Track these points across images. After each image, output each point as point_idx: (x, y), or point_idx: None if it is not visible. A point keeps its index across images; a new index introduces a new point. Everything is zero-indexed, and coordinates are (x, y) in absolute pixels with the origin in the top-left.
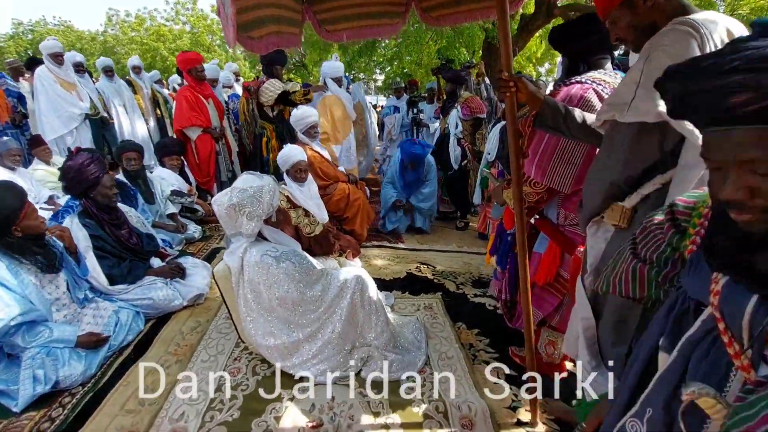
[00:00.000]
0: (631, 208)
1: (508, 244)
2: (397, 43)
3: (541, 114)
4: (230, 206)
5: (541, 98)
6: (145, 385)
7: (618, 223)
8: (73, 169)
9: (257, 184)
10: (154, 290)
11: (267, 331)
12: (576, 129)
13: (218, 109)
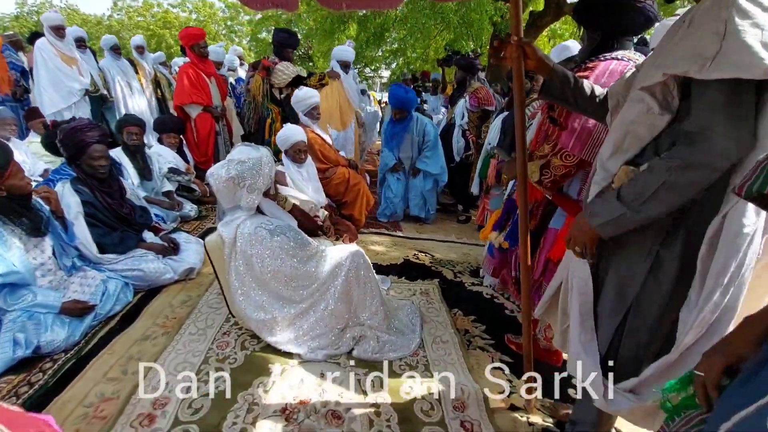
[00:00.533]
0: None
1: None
2: (404, 36)
3: (548, 82)
4: (229, 179)
5: (549, 65)
6: (131, 354)
7: None
8: (65, 130)
9: (255, 155)
10: (145, 262)
11: (258, 304)
12: (584, 101)
13: (220, 89)
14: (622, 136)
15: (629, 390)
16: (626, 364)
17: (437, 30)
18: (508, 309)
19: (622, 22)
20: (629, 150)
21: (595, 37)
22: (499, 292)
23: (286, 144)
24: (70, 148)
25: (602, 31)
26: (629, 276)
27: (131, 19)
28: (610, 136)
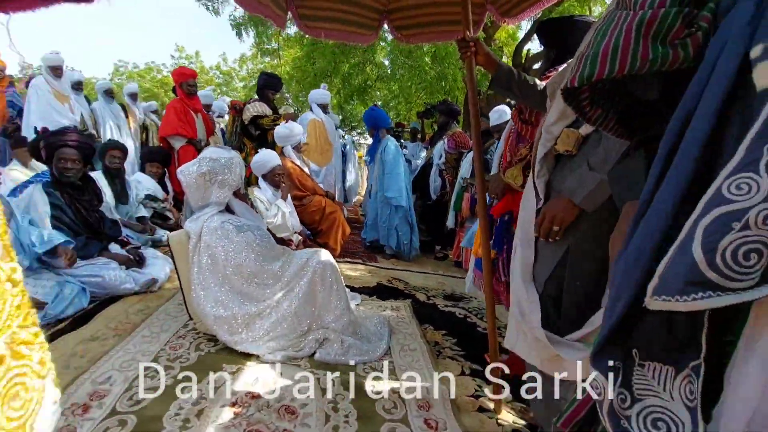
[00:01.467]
0: (585, 135)
1: (504, 224)
2: (389, 99)
3: (496, 76)
4: (200, 174)
5: (496, 61)
6: (75, 351)
7: (570, 149)
8: (50, 132)
9: (227, 155)
10: (106, 270)
11: (217, 299)
12: (527, 91)
13: (206, 125)
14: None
15: (577, 339)
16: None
17: (417, 91)
18: (481, 327)
19: (570, 40)
20: (571, 115)
21: (551, 54)
22: (480, 306)
23: (264, 169)
24: (46, 149)
25: (556, 49)
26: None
27: (131, 80)
28: (556, 105)
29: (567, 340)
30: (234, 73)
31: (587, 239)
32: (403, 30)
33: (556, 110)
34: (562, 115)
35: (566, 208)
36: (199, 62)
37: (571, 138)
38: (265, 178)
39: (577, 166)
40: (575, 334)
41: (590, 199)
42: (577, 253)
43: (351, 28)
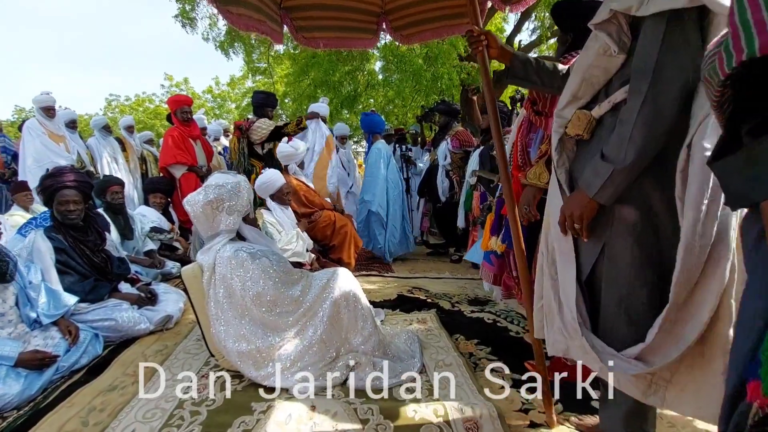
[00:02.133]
0: (597, 117)
1: None
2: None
3: (512, 67)
4: (207, 203)
5: (510, 51)
6: (94, 406)
7: (581, 133)
8: (45, 174)
9: (233, 180)
10: (118, 311)
11: (239, 334)
12: (548, 77)
13: (206, 151)
14: (579, 84)
15: (635, 357)
16: (611, 322)
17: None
18: (513, 331)
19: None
20: (583, 97)
21: (567, 39)
22: (507, 308)
23: (272, 188)
24: (43, 192)
25: (573, 33)
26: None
27: (123, 113)
28: (568, 87)
29: (622, 356)
30: (226, 95)
31: (621, 234)
32: (402, 30)
33: (569, 92)
34: (573, 98)
35: (583, 203)
36: (189, 89)
37: (582, 120)
38: (272, 198)
39: (594, 154)
40: (631, 350)
41: (605, 192)
42: (612, 250)
43: (349, 34)
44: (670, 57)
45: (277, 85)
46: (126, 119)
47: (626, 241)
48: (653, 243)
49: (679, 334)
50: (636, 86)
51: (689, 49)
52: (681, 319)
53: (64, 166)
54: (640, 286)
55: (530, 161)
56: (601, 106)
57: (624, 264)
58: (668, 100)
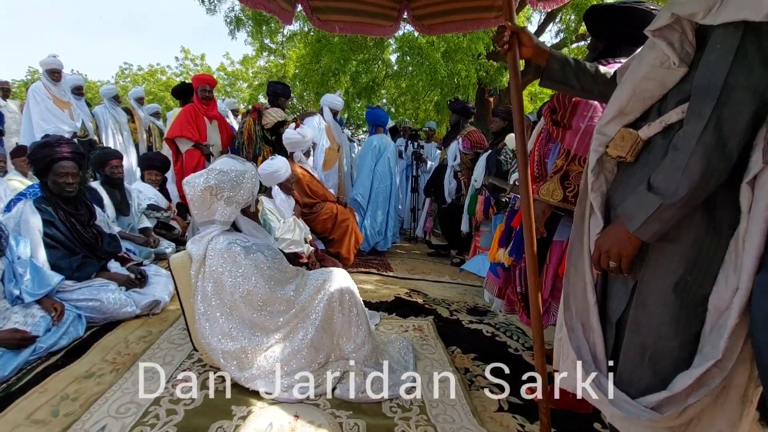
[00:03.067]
0: (645, 139)
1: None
2: (396, 97)
3: (548, 68)
4: (206, 188)
5: (546, 50)
6: (67, 393)
7: (624, 155)
8: (38, 143)
9: (239, 168)
10: (104, 292)
11: (225, 332)
12: (589, 80)
13: (224, 132)
14: (628, 98)
15: (653, 406)
16: (631, 370)
17: (425, 91)
18: (512, 348)
19: (623, 30)
20: (632, 112)
21: (598, 46)
22: (507, 321)
23: (277, 180)
24: (37, 162)
25: (606, 40)
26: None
27: (135, 83)
28: (614, 100)
29: (638, 405)
30: (239, 73)
31: (658, 275)
32: (424, 20)
33: (615, 106)
34: (619, 113)
35: (622, 239)
36: (204, 65)
37: (627, 141)
38: (281, 186)
39: (638, 181)
40: (650, 399)
41: (649, 228)
42: (645, 292)
43: (368, 19)
44: (742, 77)
45: (289, 66)
46: (136, 90)
47: (663, 283)
48: (696, 290)
49: (705, 382)
50: (697, 107)
51: (766, 70)
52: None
53: (60, 136)
54: (672, 336)
55: (547, 173)
56: (651, 125)
57: (656, 309)
58: (736, 128)
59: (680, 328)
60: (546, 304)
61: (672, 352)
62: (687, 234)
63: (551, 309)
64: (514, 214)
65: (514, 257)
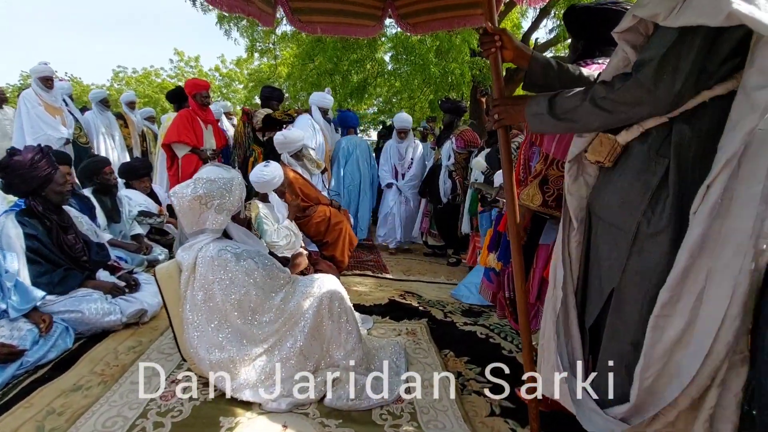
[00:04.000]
0: (623, 144)
1: None
2: (390, 96)
3: (530, 71)
4: (195, 198)
5: (528, 53)
6: (53, 408)
7: (602, 160)
8: (23, 165)
9: (226, 176)
10: (86, 302)
11: (213, 341)
12: (571, 84)
13: (218, 137)
14: None
15: (621, 417)
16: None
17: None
18: (506, 350)
19: (601, 31)
20: None
21: (578, 47)
22: (502, 322)
23: (269, 186)
24: (33, 181)
25: (584, 40)
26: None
27: (129, 85)
28: None
29: (606, 414)
30: (233, 74)
31: (633, 283)
32: (409, 18)
33: None
34: None
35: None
36: (198, 66)
37: (606, 146)
38: (275, 191)
39: (614, 187)
40: (617, 410)
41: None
42: (621, 299)
43: (351, 19)
44: (649, 73)
45: (282, 67)
46: (127, 95)
47: (639, 291)
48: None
49: (657, 392)
50: (614, 81)
51: (673, 78)
52: (662, 375)
53: (33, 149)
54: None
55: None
56: (630, 130)
57: (632, 317)
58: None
59: None
60: (534, 308)
61: None
62: (663, 245)
63: (539, 313)
64: (500, 218)
65: (502, 262)
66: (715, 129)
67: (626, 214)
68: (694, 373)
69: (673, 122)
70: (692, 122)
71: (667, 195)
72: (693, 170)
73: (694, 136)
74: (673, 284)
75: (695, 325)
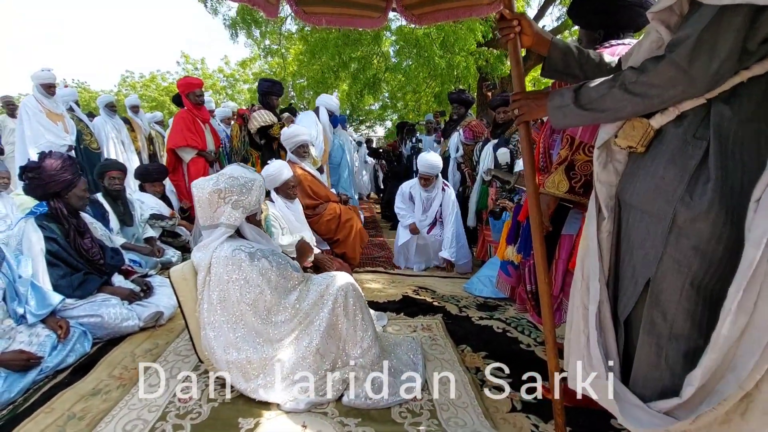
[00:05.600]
0: (657, 128)
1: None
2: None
3: (549, 58)
4: (215, 191)
5: (548, 39)
6: (73, 413)
7: (635, 145)
8: (54, 168)
9: (249, 175)
10: (105, 307)
11: (230, 342)
12: (593, 69)
13: (214, 136)
14: None
15: (666, 411)
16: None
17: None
18: (524, 343)
19: (621, 18)
20: None
21: (597, 37)
22: (518, 315)
23: (276, 182)
24: (59, 185)
25: (603, 30)
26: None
27: (135, 90)
28: None
29: (649, 408)
30: (238, 75)
31: (672, 271)
32: (414, 9)
33: None
34: None
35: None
36: (204, 68)
37: (638, 130)
38: (277, 191)
39: (649, 173)
40: (662, 404)
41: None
42: (658, 289)
43: (355, 11)
44: (684, 53)
45: (291, 66)
46: (131, 98)
47: (678, 280)
48: (714, 285)
49: (714, 389)
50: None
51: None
52: (719, 372)
53: (60, 155)
54: (689, 335)
55: (552, 165)
56: (665, 113)
57: (671, 307)
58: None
59: (698, 326)
60: (557, 300)
61: (690, 352)
62: (704, 228)
63: (563, 306)
64: (520, 208)
65: (522, 254)
66: (756, 109)
67: (661, 201)
68: (751, 367)
69: (712, 103)
70: (732, 103)
71: (707, 179)
72: (735, 152)
73: (734, 117)
74: (741, 279)
75: (753, 318)
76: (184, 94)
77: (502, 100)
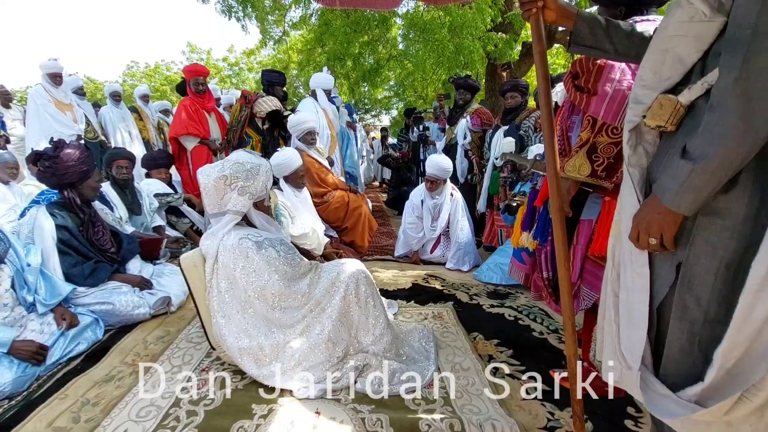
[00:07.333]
0: (687, 104)
1: (547, 214)
2: (403, 77)
3: (576, 32)
4: (221, 177)
5: (573, 12)
6: (87, 399)
7: (664, 124)
8: (72, 158)
9: (255, 161)
10: (116, 294)
11: (241, 328)
12: (624, 42)
13: (221, 124)
14: (661, 59)
15: (696, 401)
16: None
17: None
18: (536, 331)
19: None
20: (670, 77)
21: (617, 14)
22: (530, 303)
23: (287, 170)
24: (75, 175)
25: (624, 6)
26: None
27: (137, 80)
28: (645, 63)
29: (679, 398)
30: (243, 63)
31: (705, 253)
32: None
33: (647, 70)
34: (656, 75)
35: (659, 213)
36: (209, 58)
37: (666, 108)
38: (286, 179)
39: (678, 153)
40: (689, 391)
41: (683, 200)
42: (691, 273)
43: None
44: None
45: (293, 54)
46: (141, 88)
47: (712, 262)
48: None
49: (739, 373)
50: (728, 60)
51: None
52: (746, 355)
53: (78, 146)
54: (724, 319)
55: (571, 148)
56: (692, 88)
57: (704, 290)
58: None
59: (733, 309)
60: (575, 287)
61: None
62: (738, 208)
63: (581, 293)
64: (536, 194)
65: (538, 240)
66: None
67: None
68: None
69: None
70: None
71: None
72: None
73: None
74: (764, 257)
75: None
76: (187, 81)
77: (511, 85)
